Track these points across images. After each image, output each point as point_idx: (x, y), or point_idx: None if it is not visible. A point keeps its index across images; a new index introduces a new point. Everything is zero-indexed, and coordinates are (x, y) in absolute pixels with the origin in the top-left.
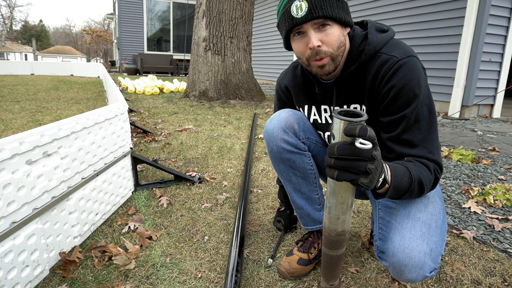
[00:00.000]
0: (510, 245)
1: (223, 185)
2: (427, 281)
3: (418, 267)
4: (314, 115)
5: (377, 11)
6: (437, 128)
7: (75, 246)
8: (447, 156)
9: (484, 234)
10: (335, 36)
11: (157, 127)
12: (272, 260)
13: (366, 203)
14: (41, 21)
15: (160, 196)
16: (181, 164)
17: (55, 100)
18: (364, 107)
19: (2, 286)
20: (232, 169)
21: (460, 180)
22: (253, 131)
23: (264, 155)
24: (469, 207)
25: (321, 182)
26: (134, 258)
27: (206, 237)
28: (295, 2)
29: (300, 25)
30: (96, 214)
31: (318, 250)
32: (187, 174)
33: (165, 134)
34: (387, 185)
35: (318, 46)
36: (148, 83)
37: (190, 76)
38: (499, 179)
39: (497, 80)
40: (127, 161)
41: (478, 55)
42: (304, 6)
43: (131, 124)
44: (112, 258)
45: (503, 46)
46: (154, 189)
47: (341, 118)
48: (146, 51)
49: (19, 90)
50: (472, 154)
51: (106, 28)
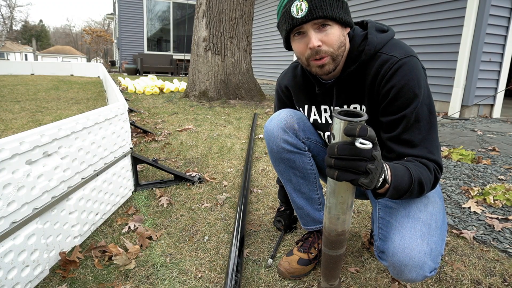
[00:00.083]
0: (510, 245)
1: (223, 185)
2: (427, 281)
3: (418, 267)
4: (314, 115)
5: (377, 11)
6: (437, 128)
7: (75, 246)
8: (447, 156)
9: (484, 234)
10: (335, 36)
11: (157, 127)
12: (272, 260)
13: (366, 203)
14: (41, 21)
15: (160, 196)
16: (181, 164)
17: (55, 100)
18: (364, 107)
19: (2, 286)
20: (232, 169)
21: (460, 180)
22: (253, 131)
23: (264, 155)
24: (469, 207)
25: (321, 182)
26: (134, 258)
27: (206, 237)
28: (295, 2)
29: (300, 25)
30: (96, 214)
31: (318, 250)
32: (187, 174)
33: (165, 134)
34: (387, 185)
35: (319, 46)
36: (148, 83)
37: (190, 76)
38: (499, 179)
39: (497, 80)
40: (127, 161)
41: (478, 55)
42: (304, 6)
43: (131, 124)
44: (112, 258)
45: (503, 46)
46: (154, 189)
47: (341, 118)
48: (146, 51)
49: (19, 90)
50: (472, 154)
51: (106, 28)
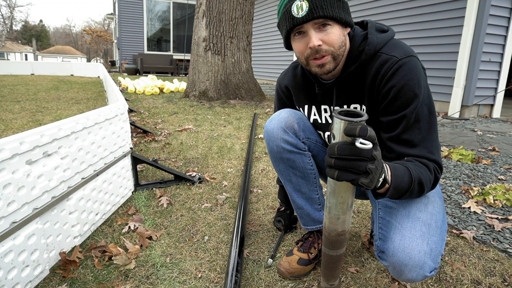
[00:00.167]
0: (510, 245)
1: (223, 185)
2: (427, 281)
3: (418, 267)
4: (314, 115)
5: (377, 11)
6: (437, 128)
7: (75, 246)
8: (447, 156)
9: (484, 234)
10: (336, 36)
11: (157, 127)
12: (272, 260)
13: (366, 203)
14: (41, 21)
15: (160, 196)
16: (181, 164)
17: (55, 100)
18: (364, 107)
19: (2, 286)
20: (232, 169)
21: (460, 180)
22: (253, 131)
23: (264, 155)
24: (469, 207)
25: (321, 182)
26: (134, 258)
27: (206, 237)
28: (296, 2)
29: (301, 25)
30: (96, 214)
31: (318, 250)
32: (187, 174)
33: (165, 134)
34: (387, 185)
35: (319, 46)
36: (148, 83)
37: (190, 76)
38: (499, 179)
39: (497, 80)
40: (127, 161)
41: (478, 55)
42: (305, 6)
43: (131, 124)
44: (112, 258)
45: (503, 46)
46: (154, 189)
47: (341, 118)
48: (146, 51)
49: (19, 90)
50: (472, 154)
51: (106, 28)
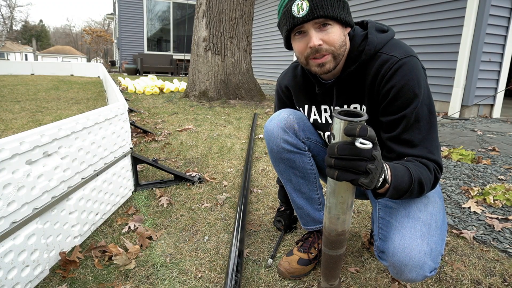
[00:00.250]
0: (510, 245)
1: (223, 185)
2: (427, 281)
3: (418, 267)
4: (314, 115)
5: (377, 11)
6: (437, 128)
7: (75, 246)
8: (447, 156)
9: (484, 234)
10: (336, 36)
11: (157, 127)
12: (272, 260)
13: (366, 203)
14: (41, 21)
15: (160, 196)
16: (181, 164)
17: (55, 100)
18: (364, 107)
19: (2, 286)
20: (232, 169)
21: (460, 180)
22: (253, 131)
23: (264, 155)
24: (469, 207)
25: (321, 182)
26: (134, 258)
27: (206, 237)
28: (296, 2)
29: (301, 25)
30: (96, 214)
31: (318, 250)
32: (187, 174)
33: (165, 134)
34: (387, 185)
35: (319, 45)
36: (148, 83)
37: (190, 76)
38: (499, 179)
39: (497, 80)
40: (127, 161)
41: (478, 55)
42: (305, 6)
43: (131, 124)
44: (112, 258)
45: (503, 46)
46: (154, 189)
47: (341, 118)
48: (146, 51)
49: (19, 90)
50: (472, 154)
51: (106, 28)
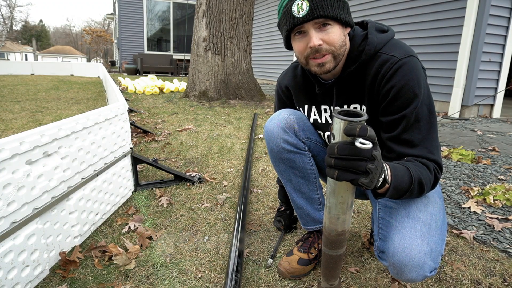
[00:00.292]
0: (510, 245)
1: (223, 185)
2: (427, 281)
3: (418, 267)
4: (314, 115)
5: (377, 11)
6: (437, 128)
7: (75, 246)
8: (447, 156)
9: (484, 234)
10: (336, 35)
11: (157, 127)
12: (272, 260)
13: (366, 203)
14: (41, 21)
15: (160, 196)
16: (181, 164)
17: (55, 100)
18: (364, 107)
19: (2, 286)
20: (232, 169)
21: (460, 180)
22: (253, 131)
23: (264, 155)
24: (469, 207)
25: (321, 182)
26: (134, 258)
27: (206, 237)
28: (296, 2)
29: (301, 25)
30: (96, 214)
31: (318, 250)
32: (187, 174)
33: (165, 134)
34: (387, 185)
35: (319, 45)
36: (148, 83)
37: (190, 76)
38: (499, 179)
39: (497, 80)
40: (127, 161)
41: (478, 55)
42: (305, 6)
43: (131, 124)
44: (112, 258)
45: (503, 46)
46: (154, 189)
47: (341, 118)
48: (146, 51)
49: (19, 90)
50: (472, 154)
51: (106, 28)
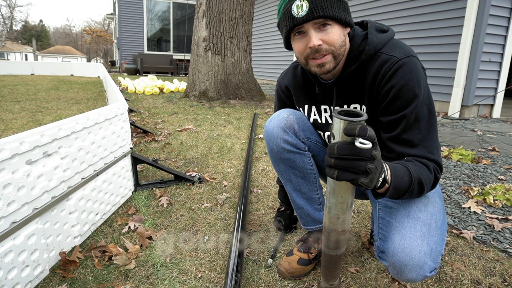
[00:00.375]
0: (510, 245)
1: (223, 185)
2: (427, 281)
3: (418, 267)
4: (314, 115)
5: (377, 11)
6: (437, 128)
7: (75, 246)
8: (447, 156)
9: (484, 234)
10: (336, 36)
11: (157, 127)
12: (272, 260)
13: (366, 203)
14: (41, 21)
15: (160, 196)
16: (181, 164)
17: (55, 100)
18: (364, 107)
19: (2, 286)
20: (232, 169)
21: (460, 180)
22: (253, 131)
23: (264, 155)
24: (469, 207)
25: (321, 182)
26: (134, 258)
27: (206, 237)
28: (296, 2)
29: (301, 25)
30: (96, 214)
31: (318, 250)
32: (187, 174)
33: (165, 134)
34: (387, 185)
35: (319, 45)
36: (148, 83)
37: (190, 76)
38: (499, 179)
39: (497, 80)
40: (127, 161)
41: (478, 55)
42: (305, 6)
43: (131, 124)
44: (112, 258)
45: (503, 46)
46: (154, 189)
47: (341, 118)
48: (146, 51)
49: (19, 90)
50: (472, 154)
51: (106, 28)
